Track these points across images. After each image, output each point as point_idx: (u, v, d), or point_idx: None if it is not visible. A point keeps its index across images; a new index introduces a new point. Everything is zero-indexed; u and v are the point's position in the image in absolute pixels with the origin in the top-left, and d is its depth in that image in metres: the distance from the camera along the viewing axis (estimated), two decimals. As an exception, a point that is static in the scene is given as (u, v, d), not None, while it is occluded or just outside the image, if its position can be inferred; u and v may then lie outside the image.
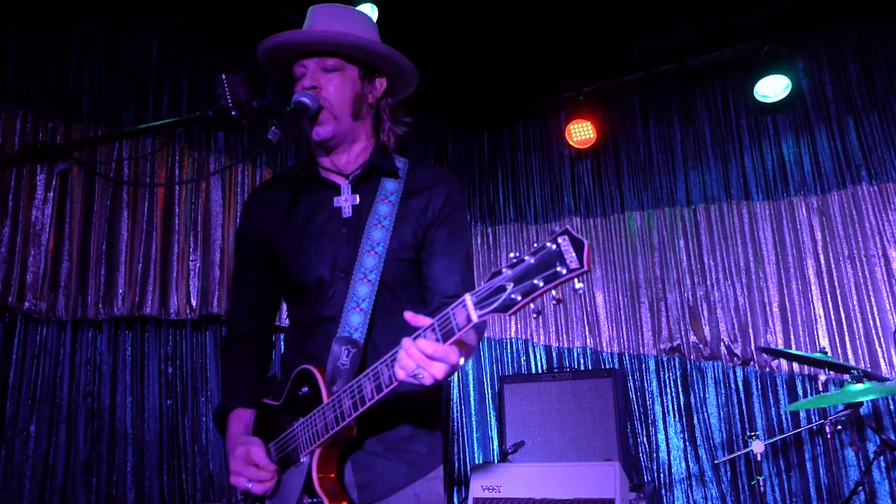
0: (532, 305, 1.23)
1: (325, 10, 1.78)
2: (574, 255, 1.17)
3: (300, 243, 1.74)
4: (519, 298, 1.20)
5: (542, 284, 1.19)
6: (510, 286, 1.21)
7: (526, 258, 1.21)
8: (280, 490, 1.63)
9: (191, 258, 3.84)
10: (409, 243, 1.71)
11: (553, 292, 1.21)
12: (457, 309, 1.29)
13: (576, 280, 1.19)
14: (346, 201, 1.74)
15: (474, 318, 1.26)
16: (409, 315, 1.37)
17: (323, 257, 1.71)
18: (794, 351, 4.35)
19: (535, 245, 1.22)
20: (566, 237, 1.19)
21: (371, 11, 3.98)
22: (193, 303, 3.77)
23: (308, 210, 1.76)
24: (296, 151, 4.44)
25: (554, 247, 1.19)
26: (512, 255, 1.24)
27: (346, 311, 1.63)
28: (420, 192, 1.75)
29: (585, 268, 1.16)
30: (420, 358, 1.32)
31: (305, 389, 1.59)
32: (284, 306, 1.93)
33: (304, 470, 1.55)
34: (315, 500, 1.51)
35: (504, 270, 1.23)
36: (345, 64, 1.72)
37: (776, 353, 4.24)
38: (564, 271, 1.17)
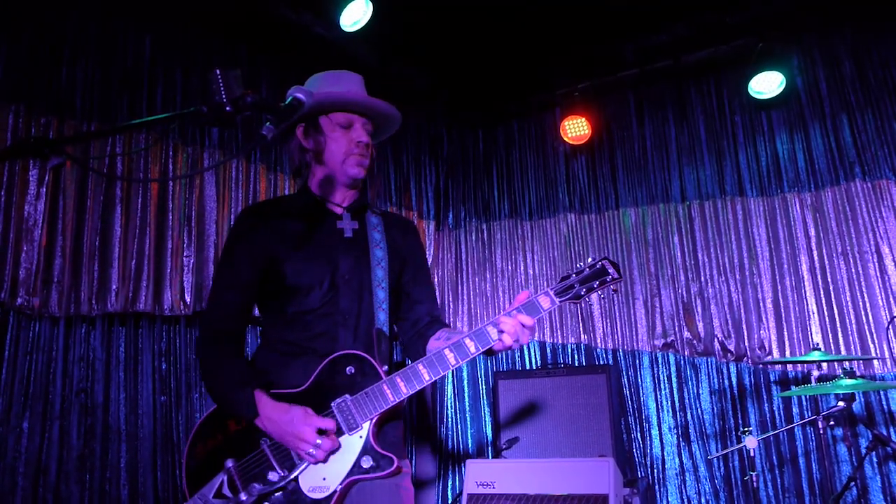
0: (588, 299, 1.99)
1: (357, 81, 2.18)
2: (613, 270, 2.00)
3: (304, 252, 2.06)
4: (583, 292, 1.99)
5: (597, 285, 1.99)
6: (577, 285, 1.99)
7: (586, 269, 2.00)
8: (329, 458, 1.87)
9: (185, 254, 3.82)
10: (395, 265, 2.18)
11: (600, 292, 2.00)
12: (540, 297, 1.96)
13: (613, 286, 2.01)
14: (349, 225, 2.15)
15: (557, 302, 1.97)
16: (523, 294, 1.97)
17: (325, 264, 2.06)
18: (788, 357, 4.36)
19: (588, 263, 2.02)
20: (607, 261, 2.01)
21: (365, 8, 3.96)
22: (187, 299, 3.76)
23: (310, 227, 2.11)
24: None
25: (600, 265, 2.01)
26: (568, 270, 2.02)
27: (376, 310, 2.07)
28: (394, 230, 2.23)
29: (620, 277, 2.01)
30: (519, 327, 1.90)
31: (352, 370, 1.93)
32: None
33: (363, 434, 1.89)
34: (375, 462, 1.86)
35: (572, 276, 2.00)
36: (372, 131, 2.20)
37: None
38: (609, 278, 2.00)
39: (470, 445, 5.25)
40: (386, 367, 1.98)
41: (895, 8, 4.31)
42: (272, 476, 1.86)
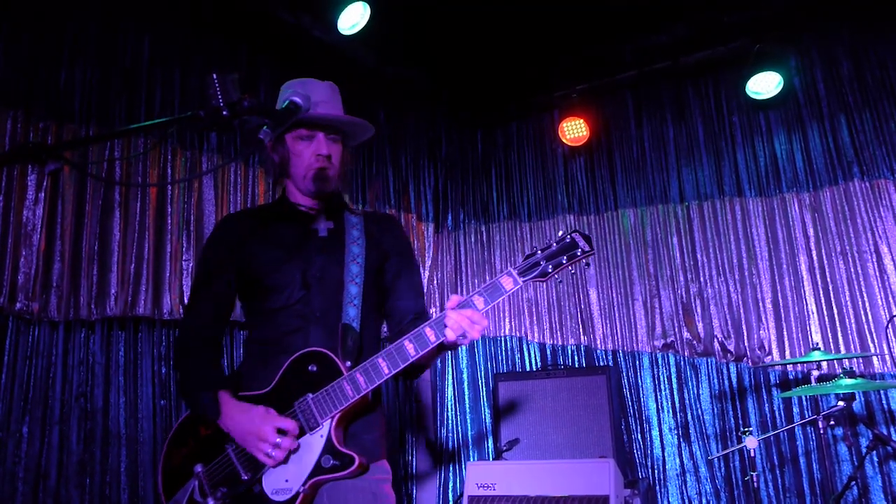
0: (557, 276, 1.86)
1: (326, 91, 2.16)
2: (584, 243, 1.86)
3: (277, 252, 2.09)
4: (550, 269, 1.84)
5: (565, 260, 1.85)
6: (543, 262, 1.85)
7: (553, 245, 1.86)
8: (290, 459, 1.85)
9: (184, 258, 3.82)
10: (373, 260, 2.15)
11: (571, 268, 1.86)
12: (502, 278, 1.84)
13: (585, 260, 1.87)
14: (323, 225, 2.17)
15: (520, 282, 1.84)
16: (453, 299, 1.84)
17: (297, 263, 2.08)
18: (791, 360, 4.36)
19: (556, 237, 1.88)
20: (577, 234, 1.87)
21: (363, 11, 3.97)
22: (186, 302, 3.75)
23: (285, 229, 2.14)
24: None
25: (569, 239, 1.87)
26: (537, 244, 1.87)
27: (346, 305, 2.02)
28: (374, 227, 2.21)
29: (592, 250, 1.87)
30: (466, 322, 1.78)
31: (314, 368, 1.90)
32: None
33: (324, 433, 1.85)
34: (337, 461, 1.81)
35: (538, 252, 1.86)
36: (341, 140, 2.17)
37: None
38: (579, 252, 1.86)
39: (470, 447, 5.25)
40: (349, 363, 1.92)
41: (893, 8, 4.31)
42: (237, 480, 1.86)
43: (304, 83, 2.16)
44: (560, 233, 1.88)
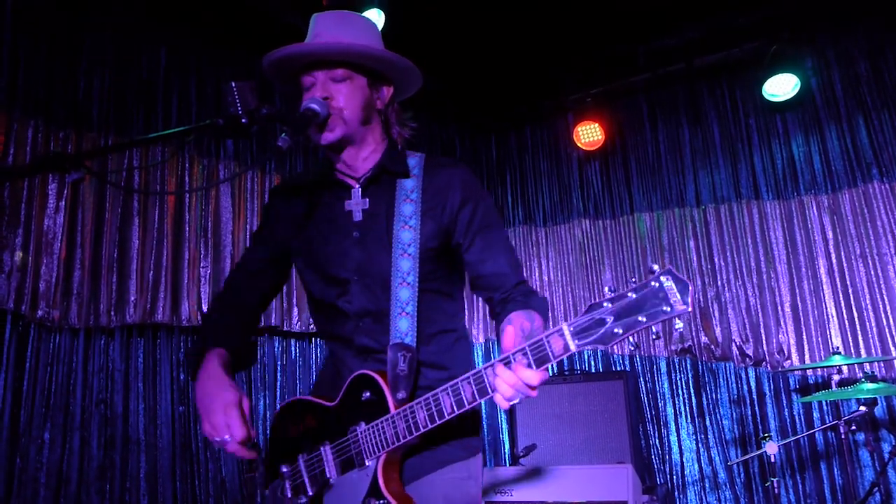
0: (632, 339, 1.31)
1: (331, 17, 1.81)
2: (679, 296, 1.23)
3: (313, 247, 1.81)
4: (620, 332, 1.28)
5: (644, 320, 1.26)
6: (610, 319, 1.28)
7: (629, 294, 1.27)
8: (339, 492, 1.67)
9: (201, 265, 3.86)
10: (434, 238, 1.74)
11: (653, 328, 1.28)
12: (552, 337, 1.34)
13: (677, 319, 1.26)
14: (357, 205, 1.78)
15: (573, 347, 1.32)
16: (508, 338, 1.42)
17: (334, 260, 1.77)
18: (811, 364, 4.32)
19: (635, 282, 1.28)
20: (669, 276, 1.25)
21: (378, 17, 3.99)
22: (205, 309, 3.79)
23: (321, 213, 1.82)
24: (305, 158, 4.46)
25: (656, 284, 1.25)
26: (607, 289, 1.30)
27: (395, 318, 1.68)
28: (437, 191, 1.78)
29: (690, 308, 1.24)
30: (519, 385, 1.37)
31: (368, 395, 1.66)
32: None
33: (370, 473, 1.61)
34: (382, 501, 1.58)
35: (604, 304, 1.29)
36: (353, 73, 1.75)
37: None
38: (668, 309, 1.24)
39: (487, 453, 5.24)
40: (403, 394, 1.63)
41: (910, 7, 4.27)
42: (302, 498, 1.72)
43: (316, 19, 1.81)
44: (654, 268, 1.27)
